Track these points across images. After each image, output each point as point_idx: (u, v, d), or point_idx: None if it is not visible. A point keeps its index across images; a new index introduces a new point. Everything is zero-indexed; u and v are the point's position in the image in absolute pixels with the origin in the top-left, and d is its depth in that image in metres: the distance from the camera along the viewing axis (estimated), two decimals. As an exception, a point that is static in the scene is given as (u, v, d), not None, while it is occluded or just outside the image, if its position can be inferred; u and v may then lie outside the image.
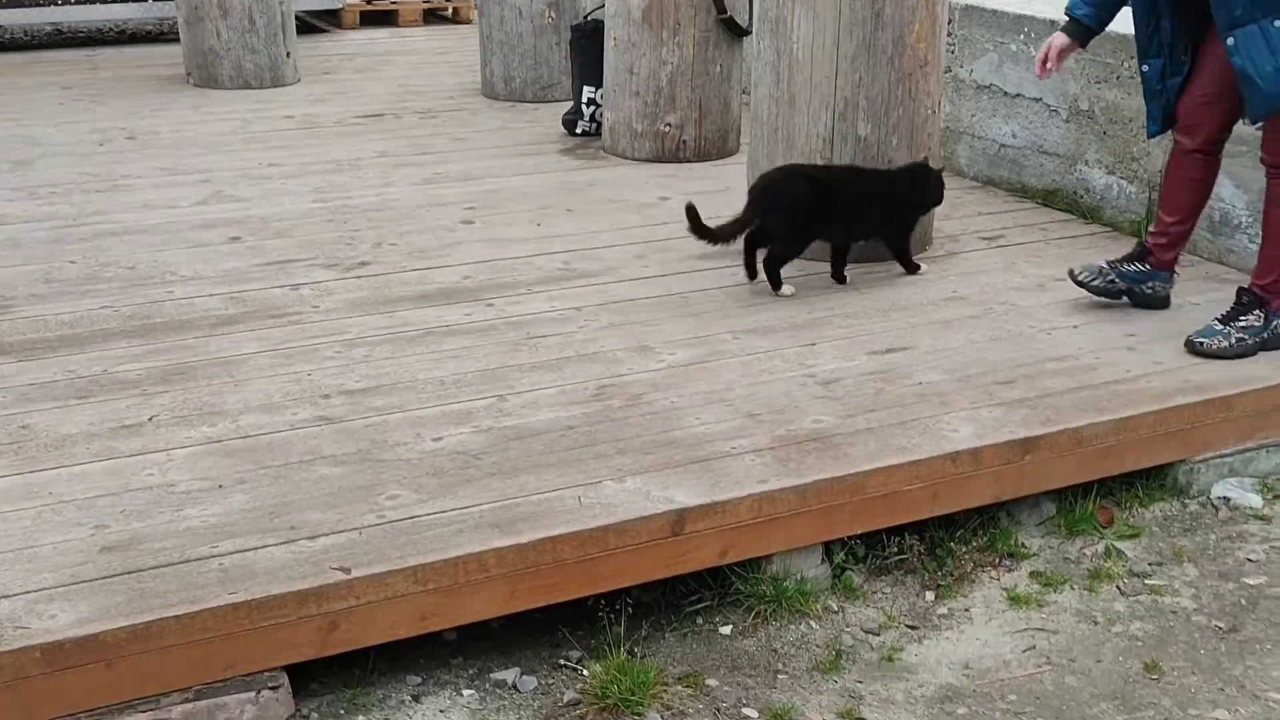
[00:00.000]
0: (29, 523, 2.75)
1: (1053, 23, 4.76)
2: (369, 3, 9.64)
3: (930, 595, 3.08)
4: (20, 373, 3.52)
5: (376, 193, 5.28)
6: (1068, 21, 3.89)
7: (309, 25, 9.36)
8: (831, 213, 4.10)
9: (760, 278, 4.16)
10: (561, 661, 2.82)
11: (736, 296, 4.12)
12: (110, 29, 9.60)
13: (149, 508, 2.82)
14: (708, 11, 5.61)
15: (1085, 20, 3.85)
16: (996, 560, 3.20)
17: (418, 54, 8.62)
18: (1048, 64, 3.91)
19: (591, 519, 2.78)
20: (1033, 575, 3.16)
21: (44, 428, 3.20)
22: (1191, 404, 3.43)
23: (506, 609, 2.75)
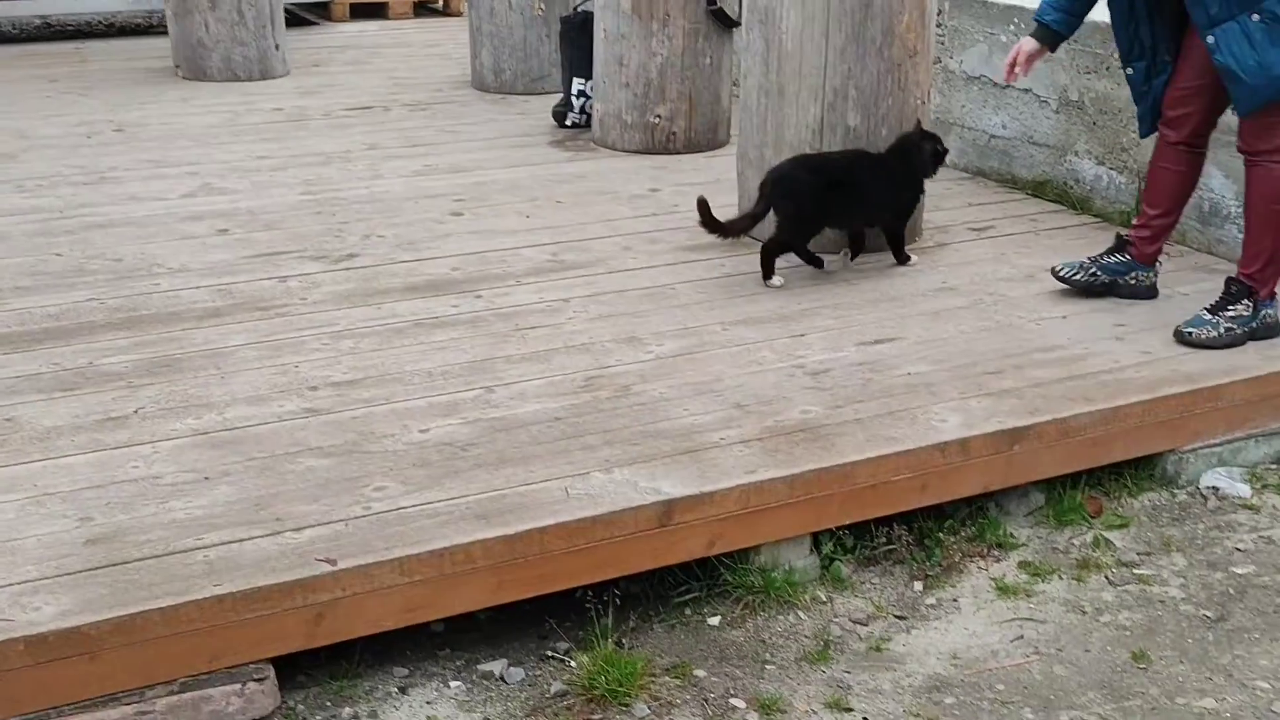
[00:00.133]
0: (13, 515, 2.74)
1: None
2: (359, -5, 9.62)
3: (919, 585, 3.08)
4: (6, 365, 3.51)
5: (365, 185, 5.26)
6: (1037, 26, 3.89)
7: (298, 18, 9.32)
8: (844, 200, 4.08)
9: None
10: (549, 653, 2.81)
11: (725, 288, 4.11)
12: (99, 22, 9.57)
13: (134, 500, 2.81)
14: (697, 3, 5.60)
15: (1055, 26, 3.85)
16: (985, 550, 3.20)
17: (407, 46, 8.59)
18: (1015, 68, 3.91)
19: (579, 510, 2.77)
20: (1021, 565, 3.16)
21: (29, 420, 3.19)
22: (1180, 394, 3.43)
23: (494, 600, 2.74)
